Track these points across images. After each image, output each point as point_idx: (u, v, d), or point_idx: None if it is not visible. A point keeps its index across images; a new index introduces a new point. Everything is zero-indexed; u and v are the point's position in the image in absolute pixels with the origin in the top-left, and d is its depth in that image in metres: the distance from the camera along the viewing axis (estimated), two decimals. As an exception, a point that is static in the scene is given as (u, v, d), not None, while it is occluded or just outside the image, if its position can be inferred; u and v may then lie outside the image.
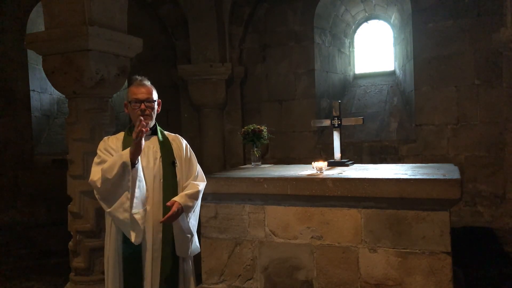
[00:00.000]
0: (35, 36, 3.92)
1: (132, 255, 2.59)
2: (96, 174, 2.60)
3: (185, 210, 2.63)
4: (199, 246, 2.86)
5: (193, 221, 2.75)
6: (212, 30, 6.33)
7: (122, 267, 2.62)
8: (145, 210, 2.57)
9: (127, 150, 2.54)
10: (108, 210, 2.58)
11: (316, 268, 3.36)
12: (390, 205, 3.12)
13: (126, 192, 2.51)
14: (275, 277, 3.49)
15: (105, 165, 2.54)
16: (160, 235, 2.63)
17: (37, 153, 6.73)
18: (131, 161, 2.48)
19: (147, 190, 2.61)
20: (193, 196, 2.71)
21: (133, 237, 2.52)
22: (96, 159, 2.69)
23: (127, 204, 2.50)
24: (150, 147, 2.70)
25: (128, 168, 2.49)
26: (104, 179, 2.52)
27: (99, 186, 2.56)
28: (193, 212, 2.75)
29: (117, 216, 2.54)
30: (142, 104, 2.65)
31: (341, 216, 3.28)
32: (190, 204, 2.67)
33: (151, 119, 2.71)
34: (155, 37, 6.87)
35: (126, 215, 2.51)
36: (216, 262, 3.67)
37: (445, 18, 5.67)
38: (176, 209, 2.57)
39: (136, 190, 2.52)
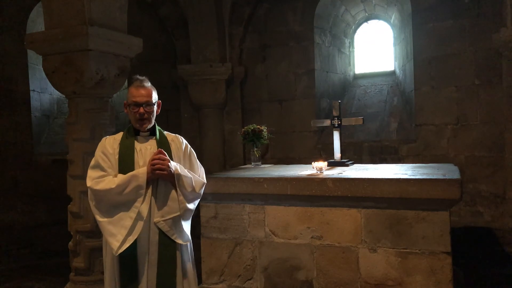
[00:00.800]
0: (35, 36, 3.92)
1: (128, 258, 2.55)
2: (94, 180, 2.56)
3: (176, 176, 2.59)
4: (190, 237, 2.75)
5: (191, 205, 2.69)
6: (212, 30, 6.33)
7: (118, 269, 2.59)
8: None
9: (144, 170, 2.53)
10: (102, 220, 2.54)
11: (316, 268, 3.36)
12: (390, 205, 3.12)
13: (132, 213, 2.50)
14: (275, 277, 3.49)
15: (118, 181, 2.51)
16: (157, 238, 2.59)
17: (37, 153, 6.72)
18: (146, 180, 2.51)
19: (144, 192, 2.58)
20: (188, 175, 2.66)
21: (115, 248, 2.49)
22: (92, 162, 2.66)
23: (128, 222, 2.49)
24: (147, 148, 2.68)
25: (142, 191, 2.49)
26: (113, 194, 2.50)
27: (103, 198, 2.53)
28: (191, 191, 2.67)
29: (108, 229, 2.51)
30: (141, 108, 2.62)
31: (341, 216, 3.28)
32: (183, 174, 2.63)
33: (150, 122, 2.70)
34: (155, 37, 6.87)
35: (123, 231, 2.49)
36: (216, 262, 3.67)
37: (445, 18, 5.67)
38: (168, 161, 2.55)
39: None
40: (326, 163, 3.68)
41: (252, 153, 4.39)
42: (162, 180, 2.59)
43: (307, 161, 4.48)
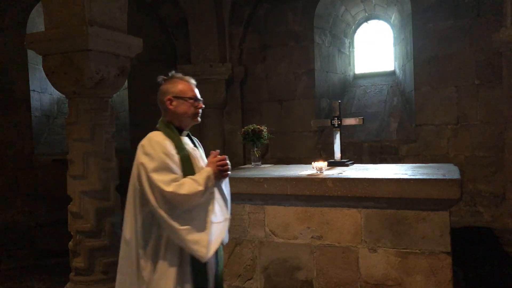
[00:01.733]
0: (35, 36, 3.92)
1: (202, 267, 2.40)
2: (174, 184, 2.31)
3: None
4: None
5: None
6: (212, 30, 6.33)
7: (191, 274, 2.39)
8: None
9: (210, 171, 2.41)
10: (181, 228, 2.30)
11: (316, 268, 3.36)
12: (390, 205, 3.12)
13: (208, 217, 2.37)
14: (275, 277, 3.49)
15: (202, 182, 2.34)
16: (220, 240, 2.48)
17: (37, 153, 6.73)
18: None
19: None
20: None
21: (204, 254, 2.29)
22: (154, 164, 2.32)
23: (208, 226, 2.35)
24: (194, 149, 2.59)
25: (214, 193, 2.42)
26: (198, 197, 2.33)
27: (183, 203, 2.31)
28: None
29: (191, 237, 2.31)
30: (200, 103, 2.54)
31: (341, 216, 3.28)
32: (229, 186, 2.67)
33: None
34: (155, 37, 6.87)
35: (205, 236, 2.32)
36: (216, 262, 3.67)
37: (445, 18, 5.68)
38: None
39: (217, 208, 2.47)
40: (326, 163, 3.67)
41: (252, 153, 4.39)
42: (219, 182, 2.51)
43: (307, 161, 4.47)
